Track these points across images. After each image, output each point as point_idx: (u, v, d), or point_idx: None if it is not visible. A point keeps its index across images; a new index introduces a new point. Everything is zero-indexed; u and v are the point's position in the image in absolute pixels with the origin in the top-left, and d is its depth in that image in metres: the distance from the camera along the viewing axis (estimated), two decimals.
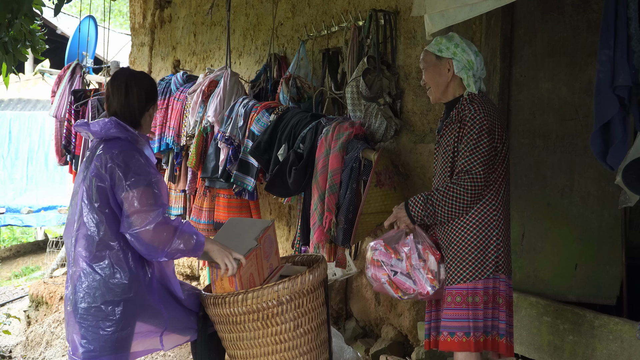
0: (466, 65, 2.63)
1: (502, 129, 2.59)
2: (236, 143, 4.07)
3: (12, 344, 6.53)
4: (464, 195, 2.49)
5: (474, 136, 2.52)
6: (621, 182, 2.23)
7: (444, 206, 2.52)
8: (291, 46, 4.60)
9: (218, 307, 2.55)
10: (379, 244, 2.68)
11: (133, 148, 2.48)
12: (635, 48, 2.32)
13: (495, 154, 2.55)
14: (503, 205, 2.59)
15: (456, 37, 2.68)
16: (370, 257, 2.69)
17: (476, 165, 2.49)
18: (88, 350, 2.41)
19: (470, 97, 2.62)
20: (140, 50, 7.16)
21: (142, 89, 2.59)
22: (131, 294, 2.42)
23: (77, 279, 2.44)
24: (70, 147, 6.06)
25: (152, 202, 2.38)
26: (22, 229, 13.46)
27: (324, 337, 2.72)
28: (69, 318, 2.48)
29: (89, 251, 2.42)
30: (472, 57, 2.64)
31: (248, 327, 2.54)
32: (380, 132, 3.52)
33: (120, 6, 16.08)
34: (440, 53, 2.65)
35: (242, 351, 2.62)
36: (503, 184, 2.59)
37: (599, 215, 3.40)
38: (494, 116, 2.58)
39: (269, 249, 2.75)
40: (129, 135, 2.50)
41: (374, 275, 2.68)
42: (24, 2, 3.03)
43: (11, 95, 11.40)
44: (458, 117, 2.61)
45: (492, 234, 2.55)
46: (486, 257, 2.54)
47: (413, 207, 2.61)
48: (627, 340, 2.79)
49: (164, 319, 2.54)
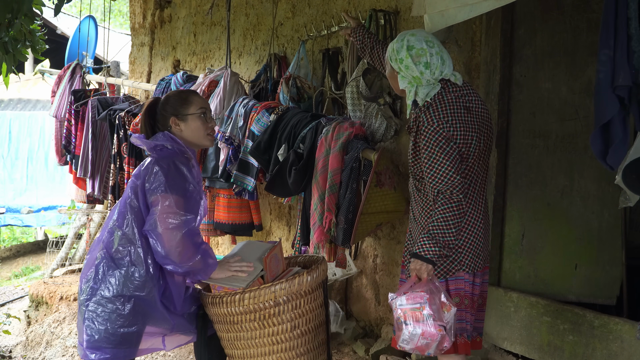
0: (411, 82, 2.53)
1: (465, 128, 2.46)
2: (236, 143, 4.08)
3: (12, 344, 6.52)
4: (458, 209, 2.41)
5: (434, 150, 2.42)
6: (621, 182, 2.23)
7: (448, 230, 2.42)
8: (291, 46, 4.60)
9: (216, 306, 2.56)
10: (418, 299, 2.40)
11: (179, 158, 2.52)
12: (635, 48, 2.32)
13: (460, 157, 2.46)
14: (470, 203, 2.51)
15: (403, 50, 2.52)
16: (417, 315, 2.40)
17: (455, 182, 2.40)
18: (92, 340, 2.44)
19: (427, 103, 2.52)
20: (140, 50, 7.16)
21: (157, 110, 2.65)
22: (144, 292, 2.46)
23: (96, 265, 2.50)
24: (70, 147, 6.06)
25: (184, 210, 2.43)
26: (22, 229, 13.47)
27: (322, 338, 2.71)
28: (80, 305, 2.53)
29: (112, 243, 2.49)
30: (417, 72, 2.49)
31: (245, 327, 2.54)
32: (380, 132, 3.52)
33: (120, 6, 16.08)
34: (390, 61, 2.58)
35: (239, 351, 2.62)
36: (470, 183, 2.51)
37: (599, 215, 3.40)
38: (452, 117, 2.45)
39: (276, 267, 2.73)
40: (176, 146, 2.54)
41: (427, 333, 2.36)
42: (24, 2, 3.03)
43: (11, 95, 11.40)
44: (415, 123, 2.55)
45: None
46: (448, 257, 2.50)
47: (424, 251, 2.43)
48: (627, 340, 2.79)
49: (171, 325, 2.57)
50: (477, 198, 2.57)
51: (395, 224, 3.74)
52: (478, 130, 2.51)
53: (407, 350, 2.43)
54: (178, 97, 2.66)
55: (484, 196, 2.63)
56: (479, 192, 2.58)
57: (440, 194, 2.43)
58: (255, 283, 2.61)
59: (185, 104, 2.62)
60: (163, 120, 2.62)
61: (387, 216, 3.42)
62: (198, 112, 2.62)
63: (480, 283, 2.60)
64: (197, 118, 2.61)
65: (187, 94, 2.68)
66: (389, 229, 3.80)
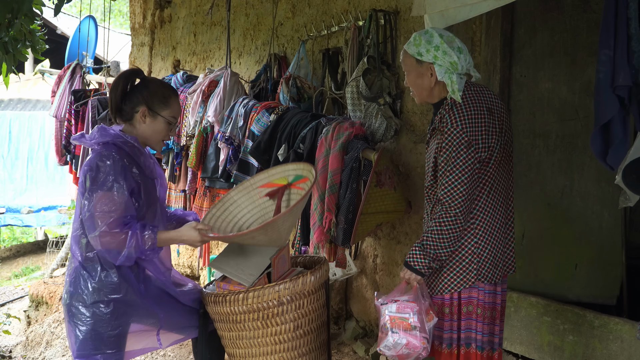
0: (449, 69, 2.42)
1: (487, 132, 2.39)
2: (236, 143, 4.08)
3: (12, 344, 6.53)
4: (454, 223, 2.36)
5: (451, 155, 2.34)
6: (621, 182, 2.23)
7: (441, 243, 2.38)
8: (291, 46, 4.60)
9: (219, 305, 2.55)
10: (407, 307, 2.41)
11: (113, 150, 2.41)
12: (635, 48, 2.31)
13: (479, 165, 2.38)
14: (483, 212, 2.43)
15: (435, 36, 2.43)
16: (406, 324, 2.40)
17: (456, 194, 2.34)
18: (81, 349, 2.43)
19: (452, 101, 2.43)
20: (140, 50, 7.16)
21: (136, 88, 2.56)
22: (121, 294, 2.44)
23: (70, 276, 2.49)
24: (70, 147, 6.06)
25: (106, 209, 2.34)
26: (22, 229, 13.48)
27: (323, 338, 2.71)
28: (65, 315, 2.52)
29: (80, 251, 2.46)
30: (455, 57, 2.41)
31: (248, 327, 2.54)
32: (380, 132, 3.52)
33: (120, 6, 16.09)
34: (421, 57, 2.45)
35: (241, 350, 2.62)
36: (484, 191, 2.42)
37: (599, 215, 3.40)
38: (475, 122, 2.37)
39: (282, 268, 2.73)
40: (113, 138, 2.44)
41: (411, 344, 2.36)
42: (24, 2, 3.03)
43: (11, 95, 11.41)
44: (440, 126, 2.43)
45: (469, 244, 2.43)
46: (464, 267, 2.43)
47: (414, 261, 2.41)
48: (627, 340, 2.79)
49: (158, 318, 2.56)
50: (497, 204, 2.46)
51: (395, 224, 3.74)
52: (499, 134, 2.43)
53: (387, 355, 2.42)
54: (160, 93, 2.56)
55: (506, 202, 2.51)
56: (499, 198, 2.46)
57: (440, 203, 2.38)
58: (260, 281, 2.61)
59: (163, 103, 2.55)
60: (134, 100, 2.53)
61: (387, 216, 3.42)
62: (170, 118, 2.57)
63: (501, 292, 2.52)
64: (165, 122, 2.56)
65: (169, 93, 2.59)
66: (389, 229, 3.80)
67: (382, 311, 2.44)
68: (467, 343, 2.49)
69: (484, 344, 2.49)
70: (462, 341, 2.49)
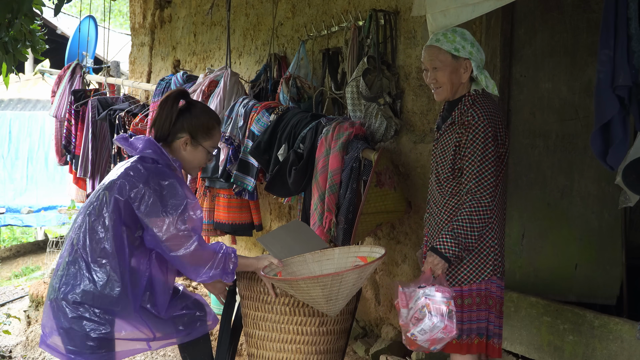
0: (480, 65, 2.51)
1: (503, 129, 2.51)
2: (236, 143, 4.08)
3: (12, 344, 6.52)
4: (485, 214, 2.42)
5: (479, 147, 2.41)
6: (621, 182, 2.23)
7: (472, 232, 2.43)
8: (291, 46, 4.60)
9: (254, 281, 2.57)
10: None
11: (168, 171, 2.45)
12: (635, 48, 2.32)
13: (500, 160, 2.49)
14: (498, 208, 2.51)
15: (467, 34, 2.53)
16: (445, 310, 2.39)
17: (487, 184, 2.41)
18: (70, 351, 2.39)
19: (472, 97, 2.51)
20: (140, 50, 7.17)
21: (181, 114, 2.54)
22: (118, 307, 2.40)
23: (72, 276, 2.41)
24: (70, 147, 6.06)
25: (189, 227, 2.38)
26: (22, 229, 13.45)
27: (342, 344, 2.70)
28: (51, 309, 2.44)
29: (92, 254, 2.39)
30: (483, 54, 2.53)
31: (276, 309, 2.54)
32: (380, 132, 3.52)
33: (120, 6, 16.09)
34: (457, 52, 2.49)
35: (261, 332, 2.60)
36: (498, 187, 2.50)
37: (599, 215, 3.40)
38: (496, 117, 2.49)
39: None
40: (163, 159, 2.46)
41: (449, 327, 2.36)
42: (24, 2, 3.02)
43: (11, 95, 11.40)
44: (460, 120, 2.51)
45: (487, 237, 2.50)
46: (482, 260, 2.50)
47: (444, 248, 2.43)
48: (627, 340, 2.79)
49: (151, 333, 2.51)
50: (504, 201, 2.59)
51: (395, 224, 3.74)
52: (507, 129, 2.57)
53: (418, 341, 2.37)
54: (205, 124, 2.57)
55: (506, 201, 2.65)
56: (505, 195, 2.60)
57: (470, 193, 2.42)
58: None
59: (206, 135, 2.56)
60: (178, 126, 2.53)
61: (387, 216, 3.42)
62: (210, 148, 2.60)
63: (504, 287, 2.60)
64: (205, 152, 2.59)
65: (214, 124, 2.60)
66: (389, 229, 3.80)
67: (416, 295, 2.39)
68: (480, 334, 2.52)
69: (495, 335, 2.55)
70: (474, 332, 2.51)
